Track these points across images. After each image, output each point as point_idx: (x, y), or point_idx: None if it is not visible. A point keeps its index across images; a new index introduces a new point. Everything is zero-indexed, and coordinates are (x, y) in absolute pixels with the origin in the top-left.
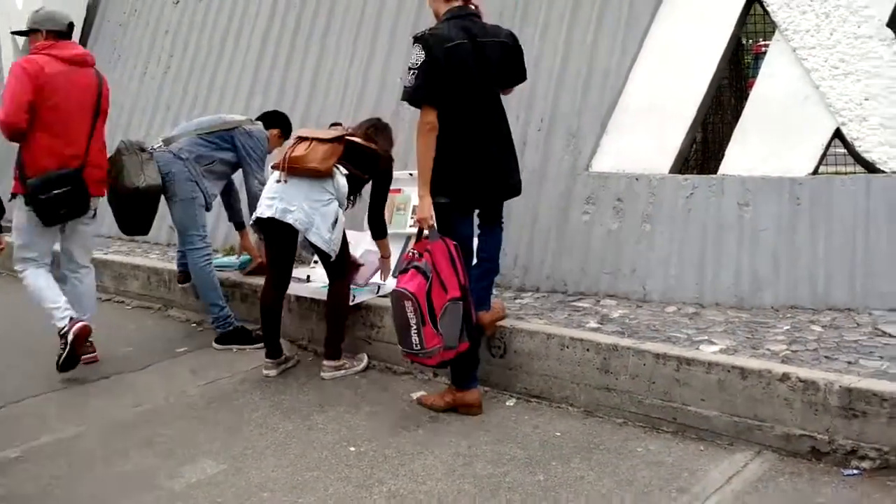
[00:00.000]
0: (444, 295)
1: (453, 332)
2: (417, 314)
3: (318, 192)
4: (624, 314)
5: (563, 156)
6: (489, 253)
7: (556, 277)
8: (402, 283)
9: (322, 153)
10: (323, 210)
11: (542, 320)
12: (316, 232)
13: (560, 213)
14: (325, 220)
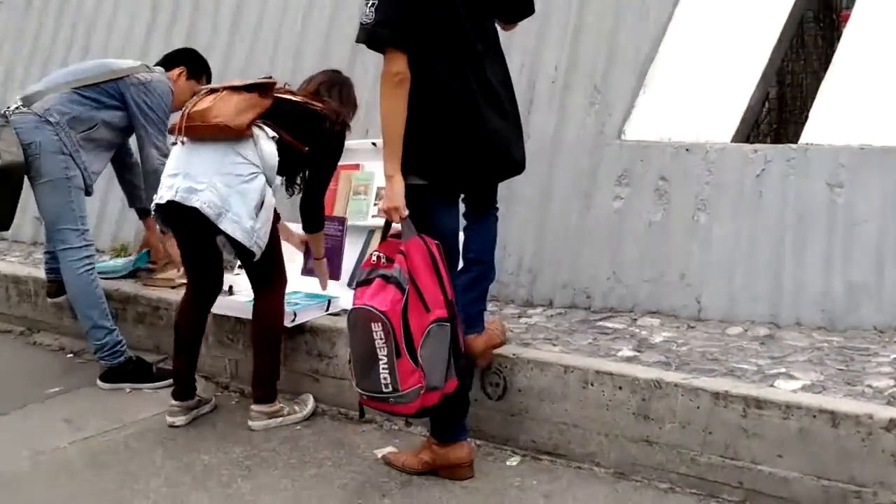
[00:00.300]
0: (425, 315)
1: (438, 365)
2: (390, 342)
3: (235, 163)
4: (670, 338)
5: (585, 119)
6: (480, 252)
7: (577, 287)
8: (365, 299)
9: (235, 105)
10: (242, 188)
11: (558, 347)
12: (232, 219)
13: (581, 197)
14: (245, 202)
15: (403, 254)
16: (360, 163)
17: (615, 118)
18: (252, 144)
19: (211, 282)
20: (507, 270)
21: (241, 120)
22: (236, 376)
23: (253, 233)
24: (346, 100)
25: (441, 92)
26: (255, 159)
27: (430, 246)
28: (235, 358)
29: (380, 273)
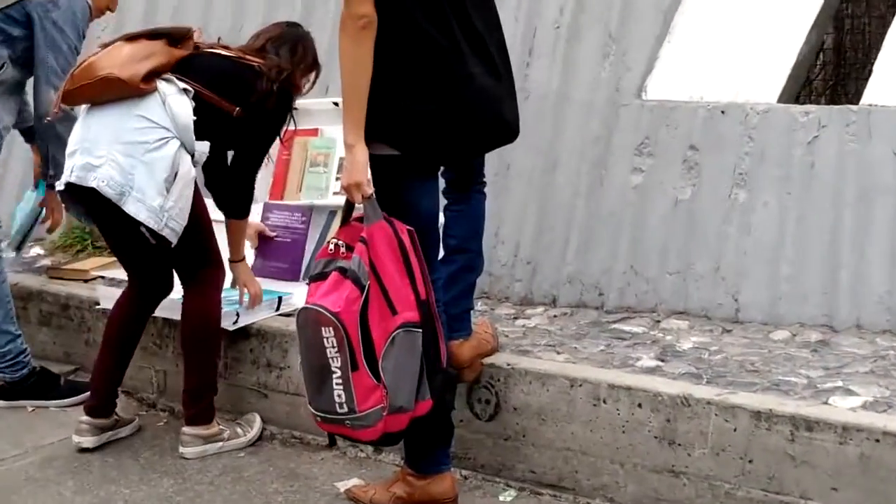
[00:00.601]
0: (390, 318)
1: (406, 381)
2: (344, 351)
3: (138, 128)
4: (701, 344)
5: (597, 74)
6: (464, 238)
7: (586, 281)
8: (316, 297)
9: (128, 54)
10: (149, 157)
11: (562, 355)
12: (136, 197)
13: (592, 169)
14: (151, 174)
15: (365, 242)
16: (318, 127)
17: (634, 73)
18: (159, 102)
19: (152, 279)
20: (500, 261)
21: (135, 70)
22: (165, 391)
23: (162, 213)
24: (300, 58)
25: (415, 39)
26: (163, 120)
27: (400, 232)
28: (164, 368)
29: (337, 265)
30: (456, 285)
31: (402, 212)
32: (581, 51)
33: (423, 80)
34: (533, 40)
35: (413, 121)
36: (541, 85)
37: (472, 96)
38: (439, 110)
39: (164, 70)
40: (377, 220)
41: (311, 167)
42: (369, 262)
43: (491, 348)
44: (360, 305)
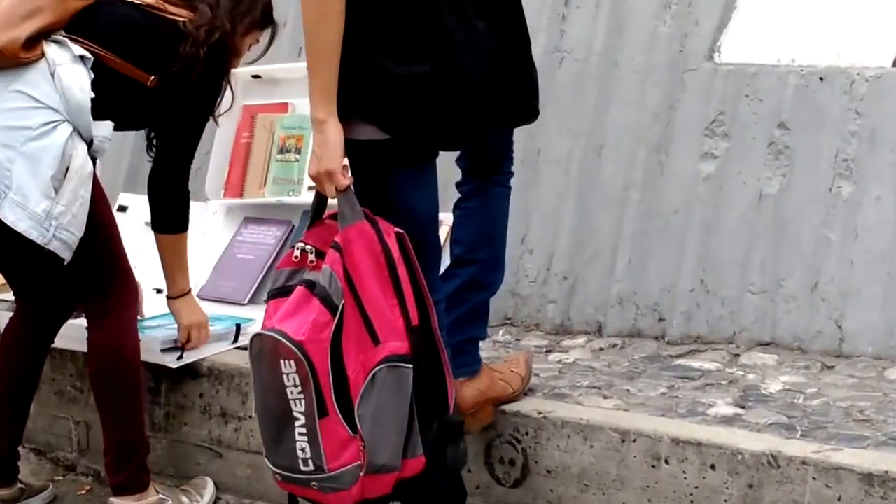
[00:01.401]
0: (370, 349)
1: (391, 431)
2: (309, 391)
3: (16, 108)
4: (793, 385)
5: (654, 28)
6: (474, 244)
7: (641, 304)
8: (275, 320)
9: (4, 10)
10: (32, 147)
11: (611, 400)
12: (15, 201)
13: (650, 155)
14: (35, 171)
15: (339, 248)
16: (288, 101)
17: (704, 28)
18: (45, 74)
19: (45, 298)
20: (528, 276)
21: (13, 34)
22: (87, 449)
23: (49, 220)
24: (244, 11)
25: None
26: (51, 98)
27: (386, 235)
28: (85, 419)
29: (304, 278)
30: (458, 307)
31: (389, 210)
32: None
33: (410, 33)
34: None
35: (400, 88)
36: (580, 45)
37: (476, 55)
38: (433, 74)
39: (53, 29)
40: (356, 219)
41: (279, 154)
42: (344, 275)
43: (511, 392)
44: (332, 332)
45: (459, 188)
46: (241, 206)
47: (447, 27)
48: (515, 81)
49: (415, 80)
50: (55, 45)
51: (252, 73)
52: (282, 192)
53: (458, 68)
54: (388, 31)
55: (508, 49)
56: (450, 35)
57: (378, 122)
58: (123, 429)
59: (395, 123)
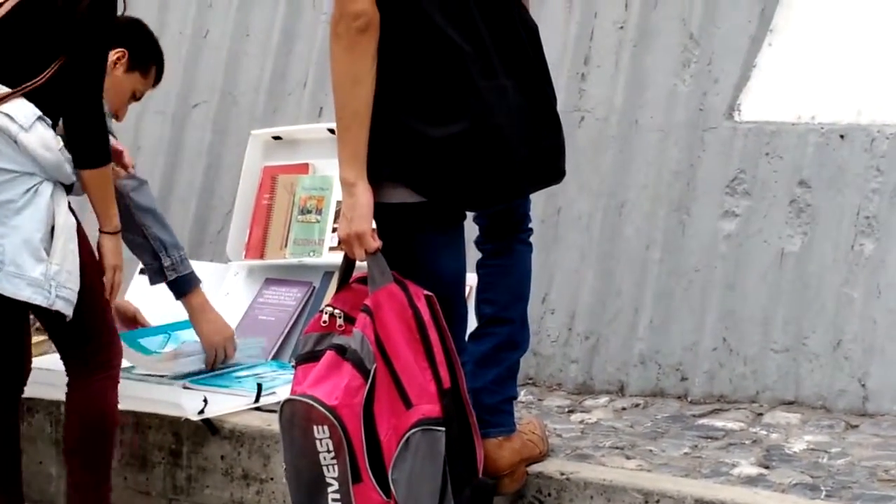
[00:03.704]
0: (403, 413)
1: (425, 496)
2: (343, 457)
3: (0, 184)
4: (817, 444)
5: (674, 86)
6: (502, 305)
7: (664, 362)
8: (305, 385)
9: None
10: (17, 220)
11: (634, 460)
12: (12, 273)
13: (670, 214)
14: (25, 240)
15: (369, 311)
16: (309, 162)
17: (723, 86)
18: (7, 141)
19: (11, 363)
20: (550, 336)
21: None
22: None
23: (47, 282)
24: None
25: (430, 42)
26: (23, 165)
27: (416, 298)
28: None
29: (333, 342)
30: (493, 367)
31: (418, 273)
32: (653, 57)
33: (440, 94)
34: (589, 44)
35: (434, 150)
36: (600, 104)
37: (507, 114)
38: (466, 135)
39: None
40: (386, 283)
41: (300, 215)
42: (375, 339)
43: (539, 452)
44: (364, 397)
45: (479, 246)
46: (262, 267)
47: (477, 87)
48: (543, 141)
49: (449, 140)
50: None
51: (273, 135)
52: (303, 252)
53: (491, 127)
54: (419, 93)
55: (536, 108)
56: (480, 95)
57: (412, 184)
58: (95, 495)
59: (430, 185)
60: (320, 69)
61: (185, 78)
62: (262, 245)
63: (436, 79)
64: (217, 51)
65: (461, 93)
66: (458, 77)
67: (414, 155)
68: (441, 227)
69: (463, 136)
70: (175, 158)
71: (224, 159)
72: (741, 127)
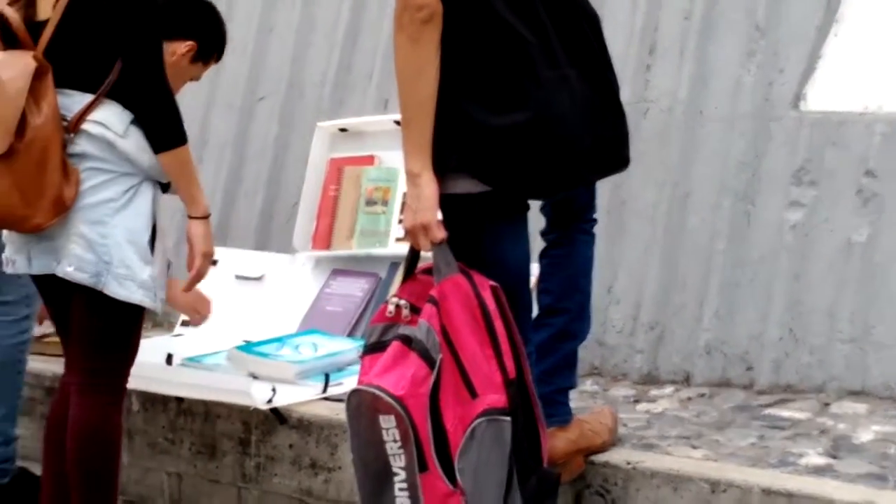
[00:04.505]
0: (468, 403)
1: (492, 485)
2: (410, 446)
3: (93, 186)
4: (885, 434)
5: (739, 76)
6: (562, 293)
7: (730, 352)
8: (372, 375)
9: (21, 177)
10: (120, 219)
11: (700, 450)
12: (122, 275)
13: (736, 204)
14: (133, 241)
15: (435, 302)
16: (375, 154)
17: (789, 76)
18: (103, 145)
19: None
20: (615, 327)
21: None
22: (179, 501)
23: (153, 285)
24: None
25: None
26: (120, 165)
27: (481, 289)
28: (178, 471)
29: (399, 333)
30: (549, 357)
31: (483, 263)
32: (717, 47)
33: (504, 83)
34: (655, 35)
35: (498, 139)
36: (665, 94)
37: (571, 102)
38: (531, 124)
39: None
40: (451, 273)
41: (366, 206)
42: (441, 330)
43: (601, 443)
44: (431, 387)
45: (544, 236)
46: (328, 258)
47: (540, 76)
48: (607, 130)
49: (513, 129)
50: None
51: (339, 127)
52: (369, 243)
53: (553, 116)
54: (482, 83)
55: (599, 97)
56: (543, 84)
57: (477, 174)
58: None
59: (494, 175)
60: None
61: (251, 71)
62: (329, 236)
63: (499, 68)
64: (283, 44)
65: (524, 82)
66: (521, 66)
67: (478, 145)
68: (505, 216)
69: (526, 125)
70: (242, 151)
71: (290, 151)
72: (807, 117)
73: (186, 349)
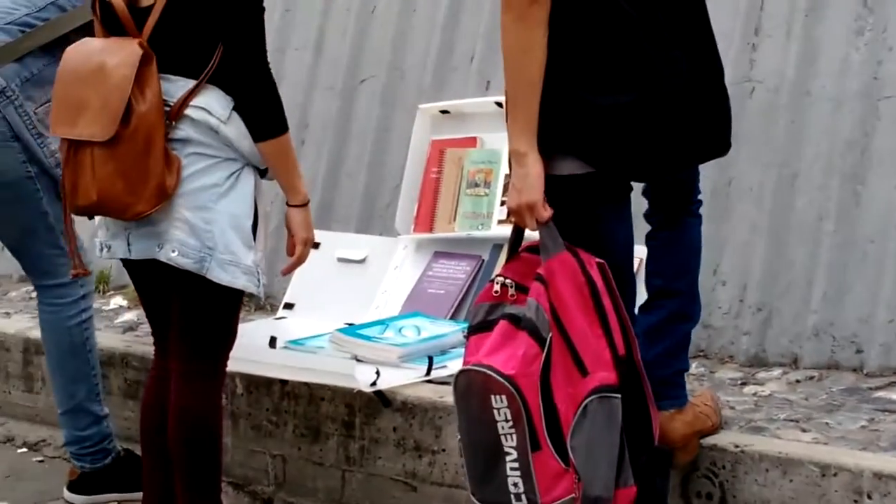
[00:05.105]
0: (579, 381)
1: (603, 463)
2: (522, 425)
3: (196, 171)
4: None
5: (848, 56)
6: (671, 277)
7: (839, 334)
8: (481, 355)
9: (125, 164)
10: (224, 204)
11: (809, 433)
12: (226, 260)
13: (844, 184)
14: (236, 226)
15: (543, 280)
16: (477, 136)
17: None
18: (206, 131)
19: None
20: (721, 308)
21: (154, 186)
22: (284, 483)
23: (257, 270)
24: None
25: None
26: (222, 151)
27: (588, 266)
28: (282, 453)
29: (505, 312)
30: (664, 339)
31: (589, 243)
32: (825, 26)
33: (611, 63)
34: (760, 14)
35: (603, 120)
36: (771, 74)
37: (677, 83)
38: (637, 104)
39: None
40: (558, 251)
41: (468, 188)
42: (550, 308)
43: (711, 425)
44: (541, 365)
45: (648, 219)
46: (431, 240)
47: (648, 56)
48: (711, 113)
49: (620, 110)
50: (191, 110)
51: (441, 109)
52: (471, 226)
53: (661, 97)
54: (589, 63)
55: (704, 79)
56: (651, 64)
57: (583, 155)
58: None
59: (600, 156)
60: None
61: (352, 53)
62: (431, 218)
63: (607, 48)
64: (384, 26)
65: (632, 62)
66: (628, 46)
67: (584, 125)
68: (610, 198)
69: (632, 105)
70: (344, 133)
71: (392, 134)
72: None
73: (289, 332)
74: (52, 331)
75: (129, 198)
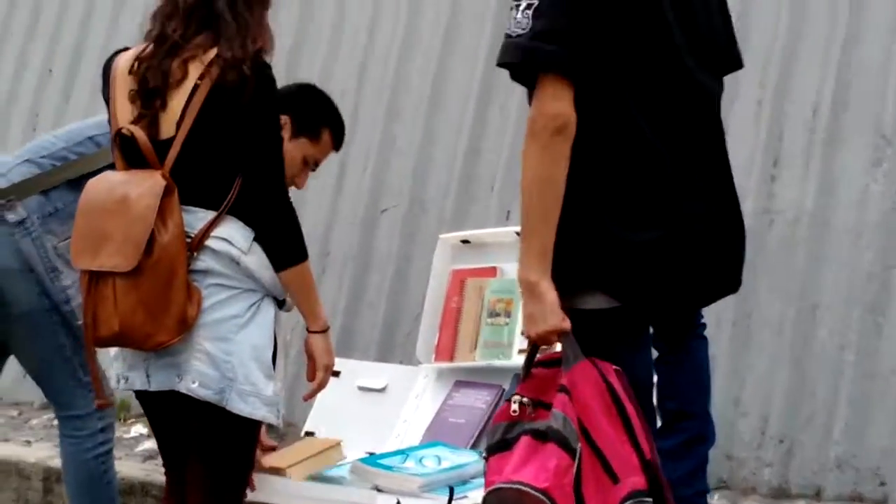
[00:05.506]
0: (611, 488)
1: None
2: None
3: (216, 302)
4: None
5: (866, 186)
6: (685, 399)
7: (862, 466)
8: (508, 472)
9: (147, 295)
10: (244, 335)
11: None
12: (246, 391)
13: (865, 315)
14: (257, 357)
15: (567, 390)
16: (497, 266)
17: None
18: (227, 262)
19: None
20: (743, 438)
21: (178, 314)
22: None
23: (276, 400)
24: (249, 23)
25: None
26: (243, 282)
27: (606, 373)
28: None
29: (526, 428)
30: (684, 461)
31: None
32: (843, 158)
33: (640, 198)
34: (779, 146)
35: (635, 256)
36: (791, 205)
37: (702, 224)
38: (664, 240)
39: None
40: (578, 360)
41: (489, 318)
42: (577, 418)
43: None
44: (574, 475)
45: (654, 345)
46: (451, 369)
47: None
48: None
49: (650, 246)
50: (210, 244)
51: (461, 238)
52: (492, 355)
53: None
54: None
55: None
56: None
57: (611, 290)
58: None
59: (629, 291)
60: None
61: (373, 184)
62: (452, 348)
63: (636, 183)
64: (405, 157)
65: (660, 198)
66: (657, 182)
67: (615, 260)
68: (633, 332)
69: (660, 241)
70: (365, 263)
71: (413, 263)
72: None
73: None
74: (70, 462)
75: (151, 328)
